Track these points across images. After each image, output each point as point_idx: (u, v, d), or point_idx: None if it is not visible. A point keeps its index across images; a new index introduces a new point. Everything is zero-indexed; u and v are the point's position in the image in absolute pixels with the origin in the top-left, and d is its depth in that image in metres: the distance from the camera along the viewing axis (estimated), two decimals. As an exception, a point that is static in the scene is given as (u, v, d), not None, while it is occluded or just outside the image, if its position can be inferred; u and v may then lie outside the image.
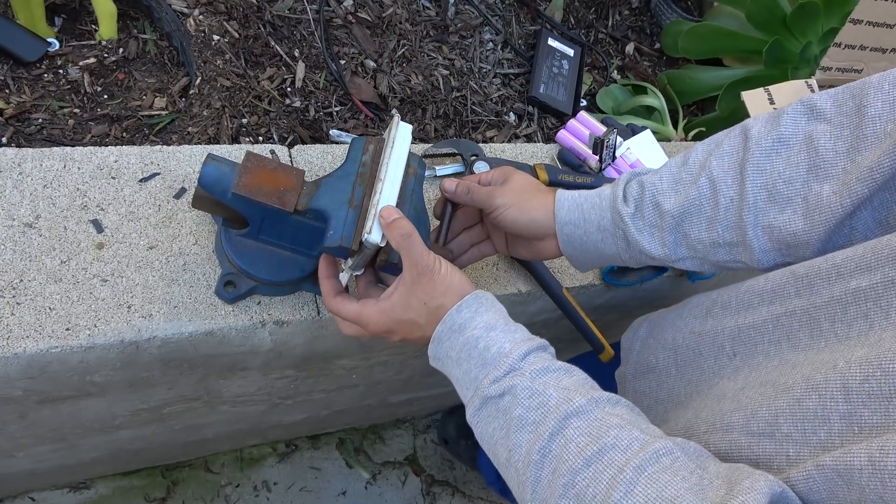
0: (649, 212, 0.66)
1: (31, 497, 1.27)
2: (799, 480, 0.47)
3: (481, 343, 0.57)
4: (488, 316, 0.59)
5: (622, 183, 0.69)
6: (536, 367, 0.54)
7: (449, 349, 0.59)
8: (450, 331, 0.59)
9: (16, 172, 0.72)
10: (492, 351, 0.56)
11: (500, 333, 0.57)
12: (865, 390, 0.46)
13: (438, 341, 0.60)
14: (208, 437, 1.21)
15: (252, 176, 0.63)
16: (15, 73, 0.90)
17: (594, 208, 0.68)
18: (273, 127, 0.97)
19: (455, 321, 0.59)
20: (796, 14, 1.16)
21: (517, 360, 0.55)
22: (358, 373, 1.06)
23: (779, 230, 0.60)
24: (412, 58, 1.13)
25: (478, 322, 0.58)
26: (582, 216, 0.68)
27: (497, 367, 0.55)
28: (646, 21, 1.41)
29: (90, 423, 0.92)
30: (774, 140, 0.61)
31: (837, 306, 0.53)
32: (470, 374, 0.57)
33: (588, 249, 0.70)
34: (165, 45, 0.99)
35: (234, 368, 0.85)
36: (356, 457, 1.52)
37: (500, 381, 0.54)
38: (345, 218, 0.63)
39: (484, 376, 0.55)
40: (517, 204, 0.69)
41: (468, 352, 0.57)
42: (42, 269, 0.69)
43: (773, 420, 0.52)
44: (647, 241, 0.66)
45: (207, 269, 0.75)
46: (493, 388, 0.54)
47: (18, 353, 0.65)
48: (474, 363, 0.57)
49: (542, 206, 0.69)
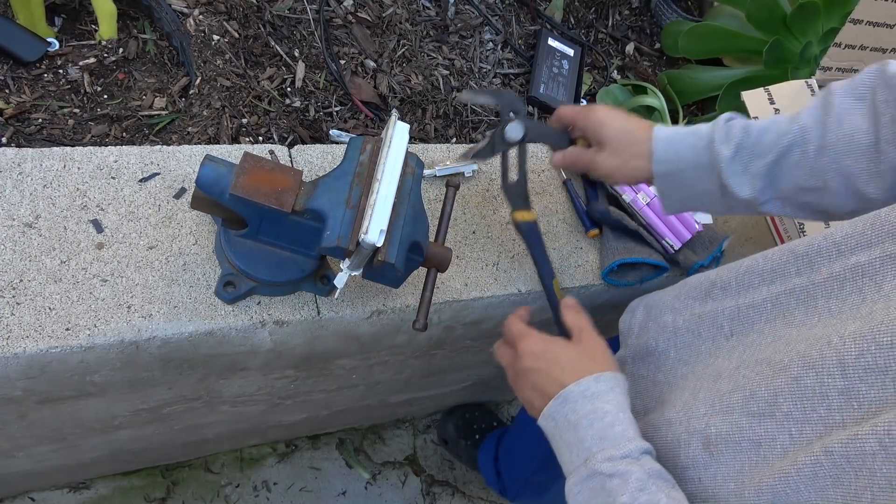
0: (744, 155, 0.68)
1: (31, 497, 1.27)
2: (806, 465, 0.48)
3: (608, 418, 0.58)
4: (622, 398, 0.60)
5: (721, 123, 0.71)
6: (654, 468, 0.55)
7: (570, 412, 0.60)
8: (581, 395, 0.60)
9: (16, 172, 0.72)
10: (615, 430, 0.57)
11: (626, 418, 0.59)
12: (861, 365, 0.47)
13: (564, 400, 0.60)
14: (208, 437, 1.21)
15: (249, 177, 0.63)
16: (15, 73, 0.90)
17: (690, 149, 0.71)
18: (273, 127, 0.97)
19: (589, 388, 0.60)
20: (796, 14, 1.16)
21: (637, 452, 0.56)
22: (358, 373, 1.06)
23: (855, 178, 0.64)
24: (412, 58, 1.13)
25: (611, 398, 0.59)
26: (677, 156, 0.71)
27: (617, 447, 0.56)
28: (646, 21, 1.41)
29: (90, 423, 0.92)
30: (854, 98, 0.65)
31: (835, 283, 0.54)
32: (584, 444, 0.58)
33: (682, 184, 0.72)
34: (165, 45, 0.99)
35: (234, 368, 0.85)
36: (356, 457, 1.52)
37: (614, 461, 0.55)
38: (342, 218, 0.63)
39: (599, 450, 0.56)
40: (620, 168, 0.74)
41: (591, 420, 0.58)
42: (42, 269, 0.69)
43: (773, 399, 0.53)
44: (739, 184, 0.69)
45: (207, 269, 0.75)
46: (606, 465, 0.55)
47: (18, 353, 0.65)
48: (593, 434, 0.57)
49: (642, 154, 0.73)
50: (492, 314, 0.94)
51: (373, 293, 0.81)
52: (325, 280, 0.77)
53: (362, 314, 0.81)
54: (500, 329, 1.00)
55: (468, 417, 1.56)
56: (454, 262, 0.88)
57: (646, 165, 0.72)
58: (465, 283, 0.88)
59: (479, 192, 0.94)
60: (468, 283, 0.88)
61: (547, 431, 0.62)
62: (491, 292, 0.88)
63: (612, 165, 0.74)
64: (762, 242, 1.09)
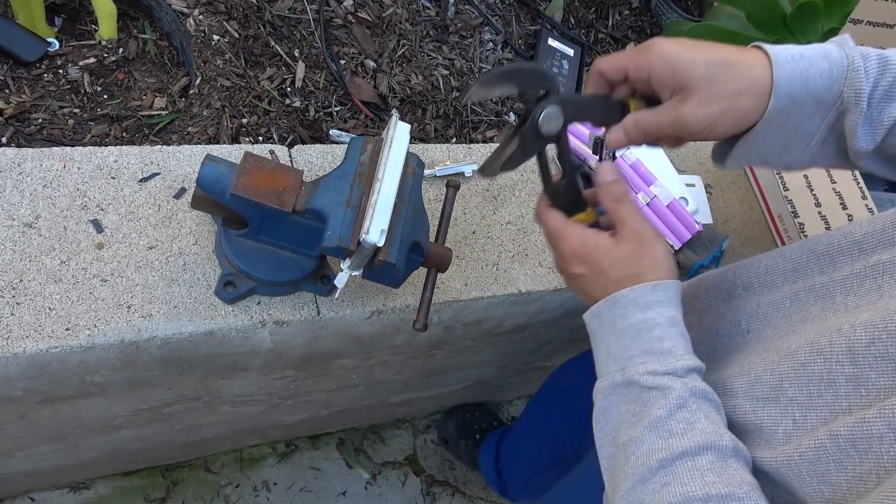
0: (879, 95, 0.55)
1: (31, 497, 1.27)
2: (810, 449, 0.48)
3: (657, 331, 0.54)
4: (675, 311, 0.56)
5: (853, 46, 0.56)
6: (698, 387, 0.53)
7: (618, 317, 0.56)
8: (633, 302, 0.55)
9: (16, 172, 0.72)
10: (664, 344, 0.54)
11: (678, 332, 0.55)
12: (872, 353, 0.47)
13: (614, 304, 0.56)
14: (208, 437, 1.21)
15: (250, 176, 0.63)
16: (15, 73, 0.90)
17: (821, 77, 0.54)
18: (273, 127, 0.97)
19: (643, 297, 0.55)
20: (796, 14, 1.16)
21: (683, 369, 0.53)
22: (358, 373, 1.06)
23: None
24: (412, 58, 1.13)
25: (664, 311, 0.55)
26: (805, 86, 0.54)
27: (661, 362, 0.53)
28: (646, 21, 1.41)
29: (90, 423, 0.92)
30: None
31: (854, 280, 0.54)
32: (627, 352, 0.54)
33: (789, 125, 0.56)
34: (165, 45, 0.99)
35: (234, 368, 0.85)
36: (356, 457, 1.52)
37: (657, 375, 0.53)
38: (343, 218, 0.63)
39: (642, 362, 0.53)
40: (724, 114, 0.54)
41: (638, 331, 0.54)
42: (42, 269, 0.69)
43: (778, 384, 0.52)
44: (865, 133, 0.56)
45: (207, 269, 0.75)
46: (647, 378, 0.53)
47: (18, 353, 0.65)
48: (639, 344, 0.54)
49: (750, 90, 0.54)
50: (492, 314, 0.94)
51: (373, 293, 0.81)
52: (326, 280, 0.77)
53: (362, 314, 0.81)
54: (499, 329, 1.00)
55: (468, 417, 1.56)
56: (454, 262, 0.88)
57: (757, 104, 0.54)
58: (465, 283, 0.88)
59: (479, 192, 0.94)
60: (468, 283, 0.88)
61: (590, 328, 0.59)
62: (491, 292, 0.88)
63: (712, 114, 0.53)
64: (762, 242, 1.09)
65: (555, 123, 0.57)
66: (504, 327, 1.02)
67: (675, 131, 0.56)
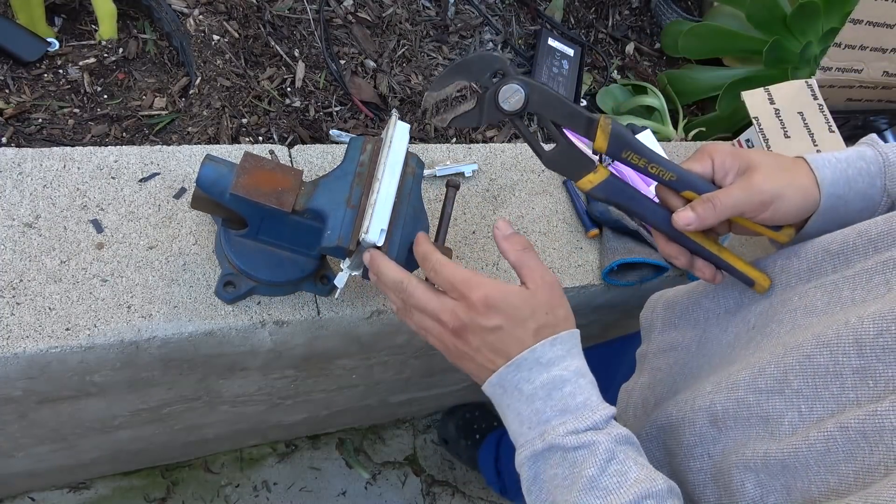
0: None
1: (31, 497, 1.27)
2: (818, 440, 0.48)
3: (567, 388, 0.53)
4: (579, 362, 0.55)
5: (890, 149, 0.62)
6: (621, 434, 0.53)
7: (523, 381, 0.54)
8: (536, 362, 0.54)
9: (16, 172, 0.72)
10: (577, 399, 0.53)
11: (588, 384, 0.54)
12: (879, 345, 0.47)
13: (517, 367, 0.54)
14: (208, 437, 1.21)
15: (250, 176, 0.63)
16: (15, 73, 0.90)
17: (861, 175, 0.60)
18: (273, 127, 0.97)
19: (544, 355, 0.54)
20: (796, 14, 1.16)
21: (602, 421, 0.52)
22: (358, 373, 1.06)
23: None
24: (412, 58, 1.13)
25: (569, 364, 0.54)
26: (848, 185, 0.60)
27: (579, 418, 0.52)
28: (646, 21, 1.41)
29: (90, 423, 0.92)
30: None
31: (864, 276, 0.54)
32: (542, 415, 0.53)
33: (837, 219, 0.61)
34: (165, 45, 0.99)
35: (234, 368, 0.85)
36: (356, 457, 1.52)
37: (579, 434, 0.52)
38: (342, 218, 0.63)
39: (560, 423, 0.52)
40: (790, 185, 0.59)
41: (548, 391, 0.53)
42: (42, 269, 0.69)
43: (783, 377, 0.52)
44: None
45: (207, 269, 0.75)
46: (569, 438, 0.52)
47: (18, 353, 0.65)
48: (552, 405, 0.53)
49: (804, 174, 0.60)
50: (492, 314, 0.94)
51: (373, 293, 0.82)
52: (326, 280, 0.77)
53: (362, 314, 0.81)
54: None
55: (468, 417, 1.56)
56: (454, 262, 0.88)
57: (813, 188, 0.59)
58: (466, 283, 0.88)
59: (479, 192, 0.94)
60: (468, 283, 0.88)
61: (494, 399, 0.56)
62: (491, 292, 0.88)
63: (780, 183, 0.58)
64: (762, 242, 1.09)
65: (515, 99, 0.57)
66: (504, 327, 1.02)
67: (748, 203, 0.58)
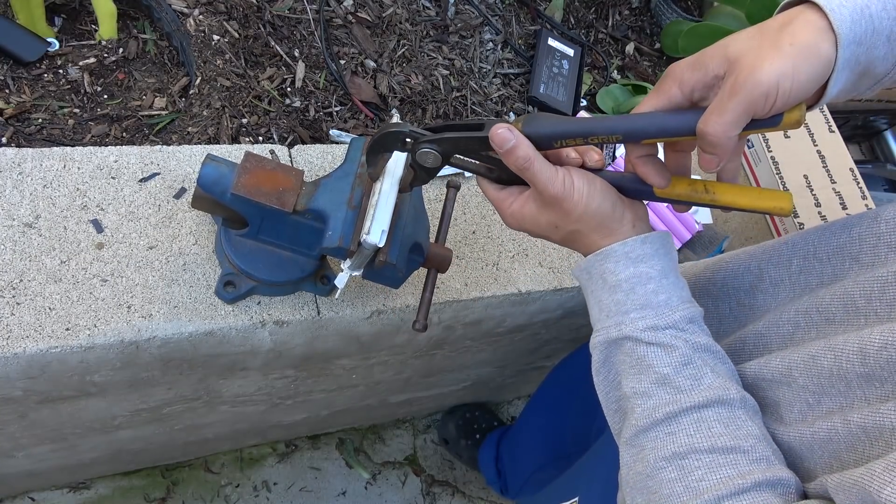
0: None
1: (31, 497, 1.27)
2: (821, 430, 0.49)
3: (651, 284, 0.53)
4: (666, 261, 0.55)
5: None
6: (700, 341, 0.53)
7: (609, 272, 0.55)
8: (625, 256, 0.55)
9: (16, 172, 0.72)
10: (660, 297, 0.53)
11: (672, 283, 0.54)
12: (884, 357, 0.46)
13: (605, 257, 0.55)
14: (208, 437, 1.21)
15: (251, 176, 0.63)
16: (15, 73, 0.90)
17: (886, 10, 0.47)
18: (273, 127, 0.97)
19: (634, 250, 0.54)
20: (796, 14, 1.16)
21: (682, 321, 0.53)
22: (358, 373, 1.06)
23: None
24: (412, 58, 1.13)
25: (655, 263, 0.54)
26: (871, 26, 0.47)
27: (660, 316, 0.53)
28: (646, 21, 1.41)
29: (90, 423, 0.92)
30: None
31: (875, 284, 0.53)
32: (622, 307, 0.54)
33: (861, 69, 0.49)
34: (165, 45, 0.99)
35: (234, 368, 0.85)
36: (356, 457, 1.52)
37: (657, 331, 0.52)
38: (343, 218, 0.63)
39: (640, 318, 0.53)
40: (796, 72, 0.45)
41: (632, 286, 0.54)
42: (42, 269, 0.69)
43: (787, 371, 0.53)
44: None
45: (207, 269, 0.75)
46: (647, 334, 0.52)
47: (18, 353, 0.65)
48: (634, 300, 0.54)
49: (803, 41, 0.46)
50: (492, 314, 0.94)
51: (373, 293, 0.81)
52: (326, 280, 0.77)
53: (362, 314, 0.81)
54: (499, 329, 1.00)
55: (468, 417, 1.56)
56: (454, 262, 0.88)
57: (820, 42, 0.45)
58: (465, 283, 0.88)
59: (479, 192, 0.94)
60: (468, 283, 0.88)
61: (580, 282, 0.58)
62: (491, 292, 0.88)
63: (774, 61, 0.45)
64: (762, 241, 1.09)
65: (432, 159, 0.58)
66: (504, 327, 1.02)
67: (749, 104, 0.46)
